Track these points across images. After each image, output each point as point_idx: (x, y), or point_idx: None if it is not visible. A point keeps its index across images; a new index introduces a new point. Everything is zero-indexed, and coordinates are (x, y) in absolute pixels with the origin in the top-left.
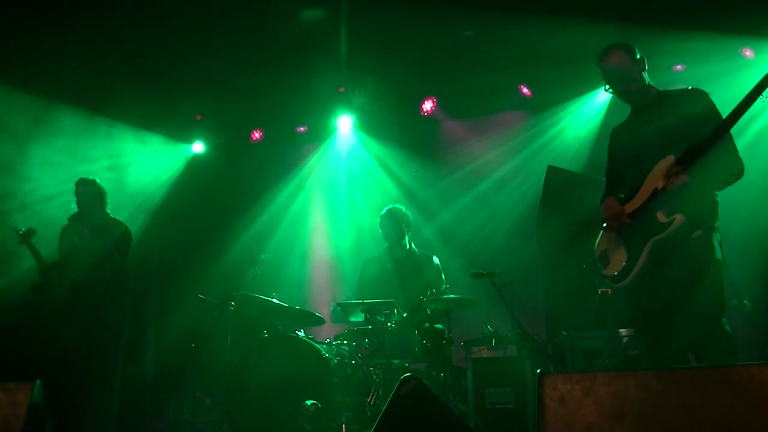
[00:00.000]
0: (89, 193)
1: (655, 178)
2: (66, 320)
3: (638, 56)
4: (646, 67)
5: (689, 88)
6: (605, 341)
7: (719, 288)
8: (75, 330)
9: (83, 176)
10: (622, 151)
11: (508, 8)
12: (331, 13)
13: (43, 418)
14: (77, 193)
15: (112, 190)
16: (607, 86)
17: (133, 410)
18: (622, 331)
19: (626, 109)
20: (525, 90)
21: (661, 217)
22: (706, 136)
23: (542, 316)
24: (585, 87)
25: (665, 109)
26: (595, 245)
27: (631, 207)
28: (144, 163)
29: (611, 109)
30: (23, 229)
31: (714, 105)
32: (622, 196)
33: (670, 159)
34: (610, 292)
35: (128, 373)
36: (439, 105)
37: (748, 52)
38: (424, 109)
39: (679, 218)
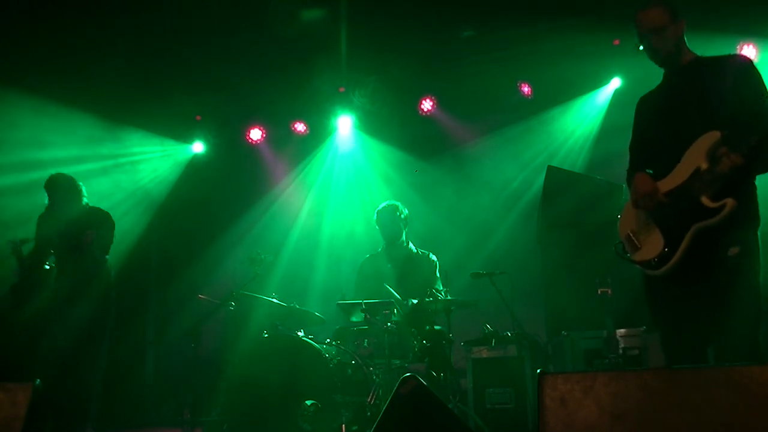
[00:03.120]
0: (60, 187)
1: (696, 157)
2: (45, 318)
3: (678, 17)
4: (684, 30)
5: (732, 54)
6: (605, 341)
7: (757, 297)
8: (54, 327)
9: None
10: (652, 122)
11: (508, 8)
12: (331, 13)
13: (43, 419)
14: (47, 191)
15: (112, 190)
16: (640, 45)
17: (133, 410)
18: (622, 331)
19: (629, 108)
20: (525, 89)
21: (707, 201)
22: None
23: (542, 316)
24: (586, 86)
25: (705, 77)
26: (618, 226)
27: (665, 186)
28: (144, 163)
29: (612, 108)
30: (16, 240)
31: (761, 76)
32: (651, 172)
33: (714, 135)
34: (610, 292)
35: (128, 373)
36: (439, 105)
37: (748, 51)
38: (424, 109)
39: (730, 203)
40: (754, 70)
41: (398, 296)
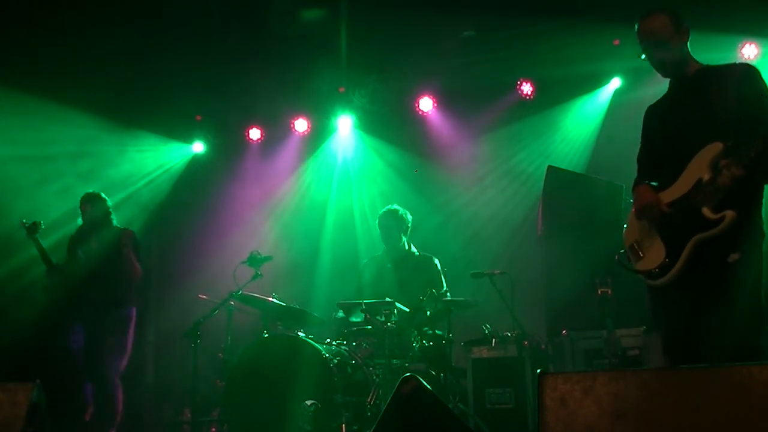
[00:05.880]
0: (94, 207)
1: (698, 168)
2: (68, 330)
3: (682, 26)
4: (688, 39)
5: (736, 63)
6: (605, 341)
7: (758, 304)
8: (77, 340)
9: (87, 187)
10: (657, 132)
11: (508, 8)
12: (331, 13)
13: (43, 419)
14: (82, 209)
15: (111, 190)
16: (642, 54)
17: (133, 410)
18: (622, 331)
19: (628, 108)
20: (525, 89)
21: (708, 213)
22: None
23: (542, 316)
24: (586, 86)
25: (709, 87)
26: (623, 235)
27: (668, 197)
28: (144, 163)
29: (612, 108)
30: (28, 223)
31: (764, 81)
32: (656, 184)
33: (717, 147)
34: (610, 292)
35: (128, 373)
36: (439, 105)
37: (749, 50)
38: (424, 109)
39: (729, 215)
40: (757, 76)
41: (405, 309)
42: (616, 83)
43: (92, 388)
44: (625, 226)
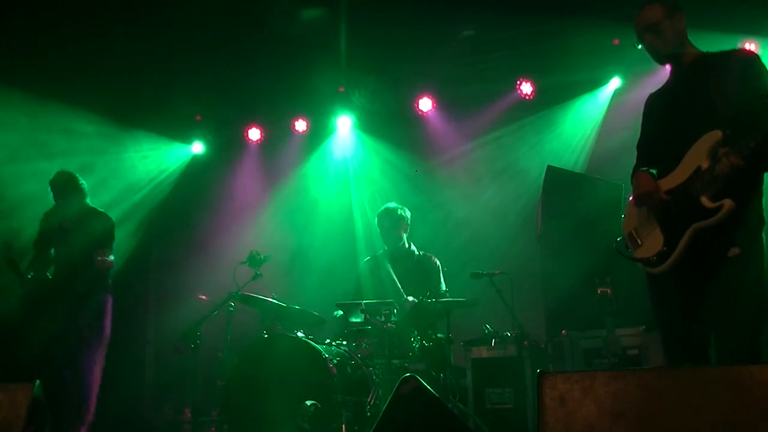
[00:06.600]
0: (63, 184)
1: (697, 156)
2: (43, 316)
3: (675, 11)
4: (684, 26)
5: (737, 49)
6: (605, 341)
7: (759, 298)
8: (53, 327)
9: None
10: (657, 120)
11: (508, 8)
12: (331, 13)
13: (43, 419)
14: (52, 187)
15: (112, 190)
16: (638, 44)
17: (133, 410)
18: (622, 331)
19: (628, 108)
20: (525, 89)
21: (706, 201)
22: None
23: (542, 315)
24: (586, 86)
25: (709, 74)
26: (622, 223)
27: (666, 185)
28: (144, 164)
29: (612, 108)
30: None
31: (766, 70)
32: (654, 172)
33: (716, 135)
34: (610, 292)
35: (128, 373)
36: (439, 104)
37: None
38: (424, 109)
39: (728, 204)
40: (759, 65)
41: (402, 292)
42: (615, 83)
43: (68, 380)
44: (623, 215)
